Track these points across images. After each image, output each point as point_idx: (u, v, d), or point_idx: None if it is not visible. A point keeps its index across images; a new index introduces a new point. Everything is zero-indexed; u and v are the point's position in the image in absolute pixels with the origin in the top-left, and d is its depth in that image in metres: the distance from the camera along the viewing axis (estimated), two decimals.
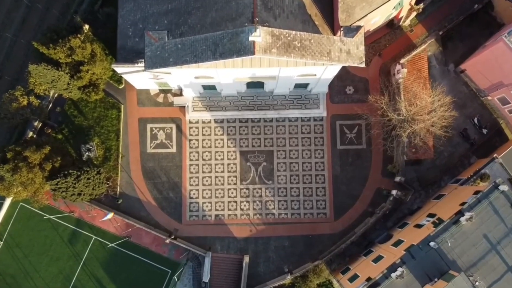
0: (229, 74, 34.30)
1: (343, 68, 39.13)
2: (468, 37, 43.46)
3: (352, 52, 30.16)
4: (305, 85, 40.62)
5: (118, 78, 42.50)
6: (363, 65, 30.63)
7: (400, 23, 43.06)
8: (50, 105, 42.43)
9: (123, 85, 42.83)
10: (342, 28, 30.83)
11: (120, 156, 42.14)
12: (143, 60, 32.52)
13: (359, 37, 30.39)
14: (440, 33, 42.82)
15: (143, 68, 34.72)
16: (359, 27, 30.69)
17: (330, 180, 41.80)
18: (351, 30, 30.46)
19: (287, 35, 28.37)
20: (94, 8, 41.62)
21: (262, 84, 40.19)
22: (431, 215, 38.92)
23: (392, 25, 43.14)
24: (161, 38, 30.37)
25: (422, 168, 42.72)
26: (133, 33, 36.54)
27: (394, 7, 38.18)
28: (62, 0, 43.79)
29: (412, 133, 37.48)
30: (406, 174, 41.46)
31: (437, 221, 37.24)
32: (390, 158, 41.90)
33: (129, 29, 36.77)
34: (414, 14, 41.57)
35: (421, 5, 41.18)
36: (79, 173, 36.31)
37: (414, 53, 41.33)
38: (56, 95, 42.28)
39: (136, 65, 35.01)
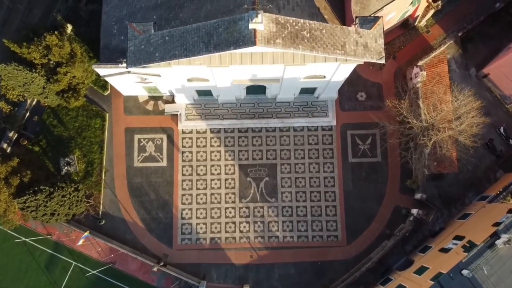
0: (226, 75, 29.68)
1: (354, 72, 34.64)
2: (490, 39, 39.25)
3: (369, 46, 25.64)
4: (312, 90, 36.00)
5: (103, 84, 37.95)
6: (382, 61, 26.08)
7: (416, 23, 38.86)
8: (27, 114, 37.77)
9: (108, 92, 38.24)
10: (357, 19, 26.41)
11: (103, 170, 37.17)
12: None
13: (377, 28, 25.94)
14: (459, 34, 38.61)
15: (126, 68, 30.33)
16: (377, 18, 26.27)
17: (341, 197, 36.68)
18: (368, 21, 26.04)
19: (294, 23, 23.89)
20: (79, 6, 37.51)
21: (264, 89, 35.58)
22: (458, 238, 33.83)
23: (407, 25, 38.93)
24: (147, 31, 25.90)
25: (443, 184, 37.74)
26: (118, 30, 32.12)
27: (412, 2, 34.01)
28: (44, 1, 39.89)
29: (435, 144, 32.69)
30: (427, 190, 36.54)
31: (468, 245, 32.21)
32: (408, 172, 36.92)
33: (113, 27, 32.38)
34: (431, 12, 37.34)
35: (439, 2, 37.05)
36: (52, 190, 31.22)
37: (433, 55, 36.92)
38: (34, 102, 37.70)
39: (119, 65, 30.54)
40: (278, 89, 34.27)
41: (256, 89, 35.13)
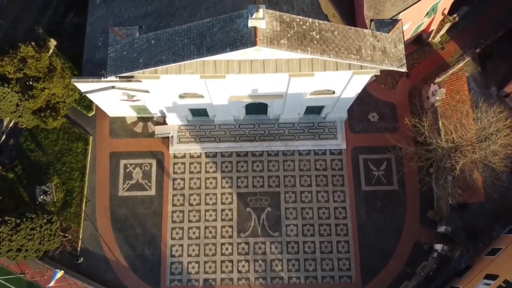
0: (222, 88, 25.89)
1: (364, 90, 30.98)
2: (510, 55, 35.95)
3: (388, 51, 21.98)
4: (318, 110, 32.16)
5: (87, 104, 34.17)
6: (404, 69, 22.34)
7: (430, 39, 35.67)
8: (3, 137, 33.78)
9: (93, 113, 34.40)
10: (372, 22, 22.93)
11: (84, 200, 32.66)
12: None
13: (397, 32, 22.39)
14: (477, 50, 35.30)
15: (109, 82, 26.65)
16: (395, 21, 22.79)
17: (354, 231, 31.93)
18: (385, 24, 22.54)
19: (301, 22, 20.32)
20: (65, 20, 34.46)
21: (265, 108, 31.74)
22: (490, 277, 28.98)
23: (420, 41, 35.71)
24: (130, 35, 22.34)
25: (468, 215, 33.06)
26: (104, 42, 28.60)
27: (427, 13, 30.82)
28: (30, 17, 36.93)
29: (462, 167, 28.45)
30: (450, 222, 31.96)
31: (504, 285, 27.48)
32: (429, 201, 32.44)
33: (98, 38, 28.97)
34: (446, 26, 34.16)
35: (456, 15, 33.98)
36: (18, 221, 26.67)
37: (450, 71, 33.40)
38: (11, 124, 33.87)
39: (102, 78, 26.86)
40: (281, 107, 30.43)
41: (256, 108, 31.31)
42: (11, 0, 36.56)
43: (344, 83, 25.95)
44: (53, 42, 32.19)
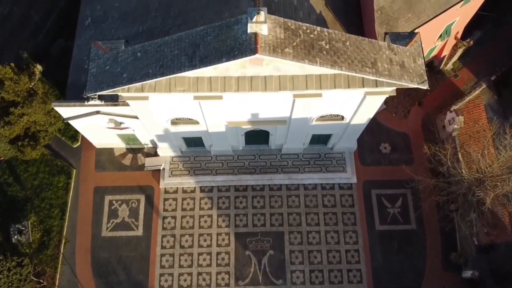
0: (218, 111, 22.91)
1: (374, 120, 28.18)
2: None
3: (407, 66, 19.19)
4: (325, 139, 29.04)
5: (72, 134, 31.13)
6: (425, 86, 19.44)
7: (442, 66, 33.32)
8: None
9: (78, 144, 31.29)
10: (387, 36, 20.36)
11: (63, 241, 28.74)
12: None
13: (415, 46, 19.73)
14: (493, 78, 32.85)
15: (93, 106, 23.83)
16: (412, 34, 20.20)
17: (369, 277, 27.66)
18: (401, 38, 19.94)
19: (308, 31, 17.66)
20: (54, 44, 32.32)
21: (267, 138, 28.64)
22: None
23: (431, 68, 33.31)
24: (115, 48, 19.67)
25: (495, 257, 29.05)
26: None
27: (440, 35, 28.61)
28: (19, 43, 34.85)
29: (484, 204, 24.90)
30: (476, 265, 27.87)
31: None
32: (451, 242, 28.56)
33: (85, 61, 26.22)
34: (459, 52, 31.86)
35: (469, 40, 31.81)
36: None
37: (467, 99, 30.67)
38: None
39: (86, 102, 24.04)
40: (285, 136, 27.32)
41: (257, 137, 28.19)
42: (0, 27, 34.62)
43: (355, 106, 23.00)
44: (38, 68, 29.65)
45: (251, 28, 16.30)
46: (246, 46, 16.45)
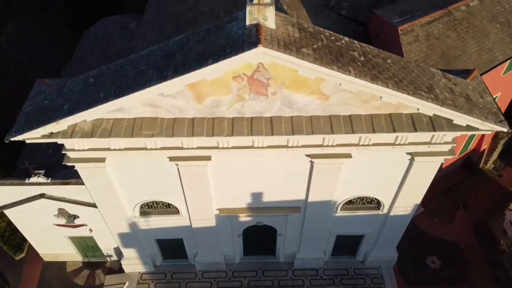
0: (205, 188, 15.83)
1: (414, 225, 20.95)
2: None
3: (474, 100, 13.11)
4: (353, 247, 20.79)
5: (17, 242, 23.12)
6: (505, 128, 13.00)
7: (481, 164, 27.25)
8: None
9: (23, 255, 22.94)
10: (439, 72, 14.87)
11: None
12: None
13: (477, 82, 14.06)
14: None
15: (35, 185, 17.11)
16: (468, 70, 14.76)
17: None
18: (455, 73, 14.42)
19: (333, 38, 12.16)
20: None
21: (272, 246, 20.52)
22: None
23: (469, 165, 27.21)
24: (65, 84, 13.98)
25: None
26: (48, 144, 20.20)
27: None
28: None
29: None
30: None
31: None
32: None
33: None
34: (501, 144, 26.30)
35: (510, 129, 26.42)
36: None
37: None
38: None
39: (26, 180, 17.23)
40: (298, 236, 19.27)
41: (259, 242, 20.10)
42: None
43: (397, 181, 15.95)
44: None
45: (251, 14, 10.86)
46: (244, 40, 10.72)
